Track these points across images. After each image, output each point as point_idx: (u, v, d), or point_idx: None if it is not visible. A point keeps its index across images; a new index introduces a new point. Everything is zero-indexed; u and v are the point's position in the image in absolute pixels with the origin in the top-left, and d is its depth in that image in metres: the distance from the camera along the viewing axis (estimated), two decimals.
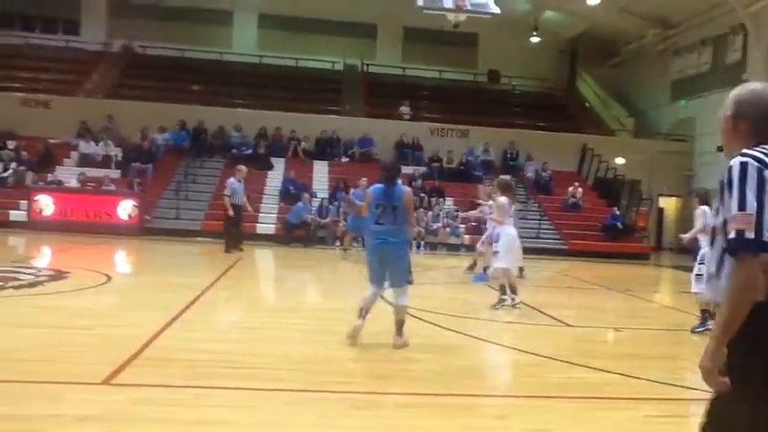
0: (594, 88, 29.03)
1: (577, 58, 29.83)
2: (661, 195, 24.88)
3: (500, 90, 28.65)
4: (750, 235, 1.95)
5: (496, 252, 8.73)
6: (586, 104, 29.00)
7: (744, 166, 2.02)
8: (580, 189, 21.41)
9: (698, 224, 7.52)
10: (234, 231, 14.99)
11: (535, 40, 28.06)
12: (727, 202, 2.03)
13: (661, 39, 25.45)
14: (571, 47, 29.53)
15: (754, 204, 1.97)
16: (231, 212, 14.59)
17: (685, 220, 18.77)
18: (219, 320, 7.61)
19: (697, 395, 3.26)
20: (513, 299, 8.59)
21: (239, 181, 14.98)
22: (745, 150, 2.09)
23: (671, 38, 25.19)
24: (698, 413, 2.55)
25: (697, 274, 7.31)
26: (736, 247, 1.98)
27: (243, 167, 15.51)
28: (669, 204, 25.27)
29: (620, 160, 23.36)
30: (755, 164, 2.02)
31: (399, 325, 6.23)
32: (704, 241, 7.05)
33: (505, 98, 28.29)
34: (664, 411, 4.65)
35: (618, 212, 20.95)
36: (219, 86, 24.96)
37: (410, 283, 6.37)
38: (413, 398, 4.77)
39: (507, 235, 8.64)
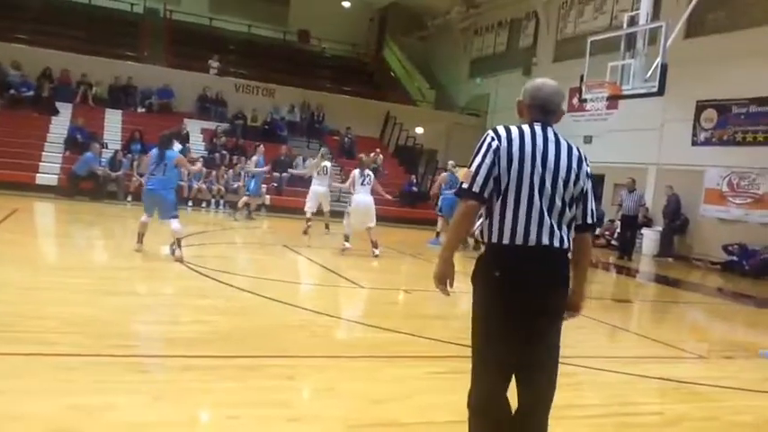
0: (401, 58, 29.81)
1: (386, 27, 30.42)
2: (457, 166, 26.31)
3: (310, 51, 28.45)
4: (465, 185, 2.73)
5: (347, 212, 11.73)
6: (392, 73, 29.74)
7: (484, 136, 2.76)
8: (381, 156, 21.97)
9: None
10: None
11: (347, 4, 28.13)
12: None
13: (464, 17, 26.70)
14: (381, 15, 30.02)
15: (476, 164, 2.73)
16: None
17: None
18: None
19: None
20: (344, 246, 11.21)
21: None
22: (505, 125, 2.78)
23: (473, 17, 26.52)
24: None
25: None
26: (459, 193, 2.78)
27: None
28: (461, 174, 26.73)
29: (419, 130, 24.31)
30: (491, 134, 2.75)
31: (177, 242, 8.55)
32: None
33: (314, 60, 28.15)
34: (446, 368, 4.91)
35: (415, 180, 21.88)
36: None
37: (175, 217, 8.66)
38: (200, 360, 4.60)
39: (354, 201, 11.34)
